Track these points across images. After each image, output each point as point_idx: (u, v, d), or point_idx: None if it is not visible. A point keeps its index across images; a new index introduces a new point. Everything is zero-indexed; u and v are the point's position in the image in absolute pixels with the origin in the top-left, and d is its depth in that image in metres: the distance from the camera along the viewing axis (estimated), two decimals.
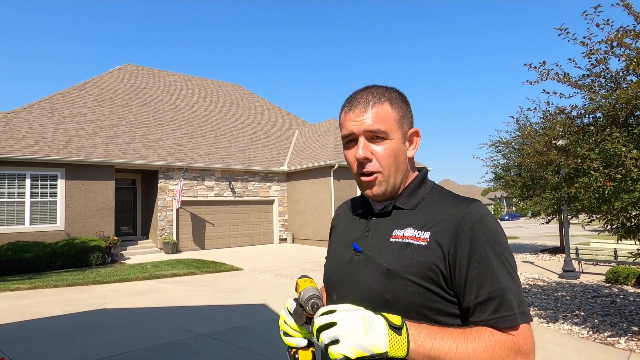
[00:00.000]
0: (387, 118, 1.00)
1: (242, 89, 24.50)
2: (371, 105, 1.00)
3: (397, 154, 1.01)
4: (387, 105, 1.01)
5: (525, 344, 0.85)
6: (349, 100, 1.05)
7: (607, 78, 4.93)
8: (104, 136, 15.11)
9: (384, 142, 1.00)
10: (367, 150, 1.00)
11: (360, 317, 0.80)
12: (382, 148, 1.00)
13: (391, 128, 1.00)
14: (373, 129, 0.99)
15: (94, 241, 12.63)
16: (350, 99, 1.05)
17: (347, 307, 0.84)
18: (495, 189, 15.55)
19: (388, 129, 0.99)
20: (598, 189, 4.66)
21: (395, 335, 0.80)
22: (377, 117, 0.99)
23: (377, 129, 0.98)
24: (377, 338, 0.78)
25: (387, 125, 0.99)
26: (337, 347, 0.78)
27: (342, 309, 0.83)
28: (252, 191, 18.01)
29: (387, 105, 1.01)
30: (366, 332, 0.78)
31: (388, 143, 1.00)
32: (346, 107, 1.04)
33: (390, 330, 0.80)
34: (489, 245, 0.90)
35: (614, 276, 8.19)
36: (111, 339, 5.19)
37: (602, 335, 5.08)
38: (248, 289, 8.42)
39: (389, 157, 1.00)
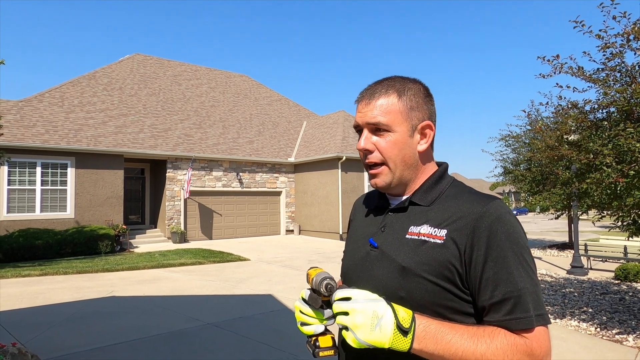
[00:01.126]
0: (390, 110, 0.98)
1: (250, 80, 24.45)
2: (376, 97, 1.00)
3: (402, 147, 0.99)
4: (393, 96, 0.99)
5: (539, 348, 0.83)
6: (361, 91, 1.05)
7: (622, 72, 4.84)
8: (113, 125, 15.20)
9: (386, 134, 0.99)
10: (368, 141, 1.00)
11: (370, 312, 0.81)
12: (385, 140, 0.99)
13: (394, 121, 0.98)
14: (373, 121, 0.99)
15: (103, 229, 12.78)
16: (363, 90, 1.05)
17: (362, 297, 0.85)
18: (504, 183, 15.41)
19: (390, 122, 0.98)
20: (610, 185, 4.60)
21: (400, 336, 0.81)
22: (379, 109, 0.98)
23: (377, 122, 0.98)
24: (382, 336, 0.80)
25: (390, 118, 0.98)
26: (346, 334, 0.84)
27: (356, 297, 0.85)
28: (260, 182, 18.06)
29: (393, 97, 0.99)
30: (372, 330, 0.80)
31: (391, 135, 0.99)
32: (357, 98, 1.05)
33: (397, 331, 0.81)
34: (507, 244, 0.88)
35: (624, 273, 8.11)
36: (120, 326, 5.26)
37: (610, 332, 5.04)
38: (254, 279, 8.48)
39: (391, 150, 0.99)
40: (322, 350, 0.97)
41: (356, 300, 0.84)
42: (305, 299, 1.00)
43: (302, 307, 1.01)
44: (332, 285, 0.93)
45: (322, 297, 0.96)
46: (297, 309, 1.02)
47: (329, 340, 0.99)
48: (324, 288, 0.93)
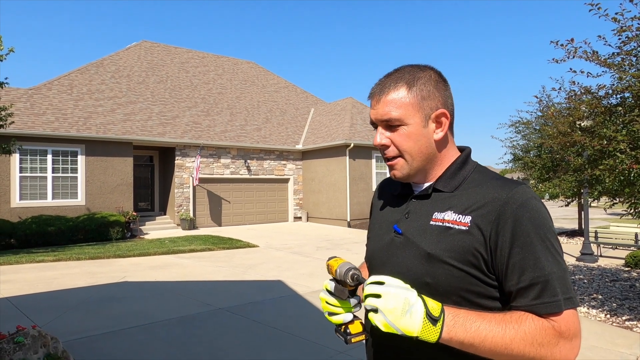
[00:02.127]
0: (401, 104, 0.98)
1: (257, 67, 24.33)
2: (385, 92, 0.99)
3: (417, 138, 0.99)
4: (403, 89, 0.98)
5: (567, 330, 0.84)
6: (372, 86, 1.05)
7: (638, 56, 4.74)
8: (121, 113, 15.26)
9: (400, 128, 0.99)
10: (383, 137, 1.01)
11: (402, 298, 0.82)
12: (399, 134, 0.99)
13: (406, 113, 0.98)
14: (385, 118, 0.99)
15: (113, 216, 12.94)
16: (374, 85, 1.05)
17: (395, 283, 0.85)
18: (513, 170, 15.29)
19: (402, 116, 0.98)
20: (623, 171, 4.54)
21: (430, 325, 0.81)
22: (390, 105, 0.98)
23: (389, 118, 0.99)
24: (412, 323, 0.81)
25: (401, 112, 0.98)
26: (374, 316, 0.84)
27: (389, 282, 0.85)
28: (268, 169, 18.10)
29: (403, 90, 0.98)
30: (403, 315, 0.81)
31: (404, 129, 0.99)
32: (369, 93, 1.05)
33: (426, 319, 0.81)
34: (532, 229, 0.88)
35: (634, 260, 8.07)
36: (133, 310, 5.36)
37: (620, 319, 5.04)
38: (264, 265, 8.56)
39: (406, 142, 0.99)
40: (354, 337, 1.00)
41: (390, 285, 0.85)
42: (330, 291, 1.02)
43: (327, 298, 1.03)
44: (358, 275, 0.94)
45: (348, 287, 0.98)
46: (323, 301, 1.04)
47: (359, 326, 1.02)
48: (350, 278, 0.94)
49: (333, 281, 1.02)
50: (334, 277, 1.00)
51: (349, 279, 0.94)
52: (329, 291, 1.02)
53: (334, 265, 1.00)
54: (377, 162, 17.56)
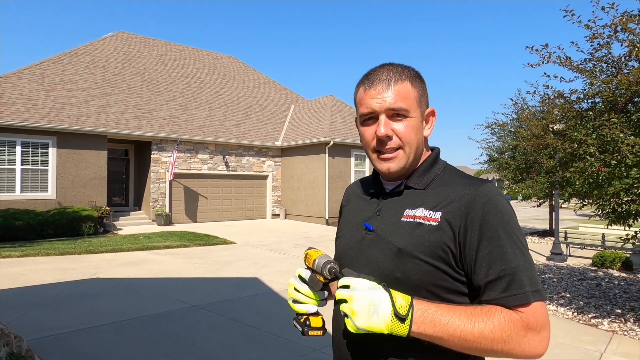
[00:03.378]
0: (408, 96, 1.00)
1: (237, 62, 24.06)
2: (393, 83, 0.99)
3: (417, 132, 1.02)
4: (407, 83, 1.01)
5: (535, 321, 0.86)
6: (368, 76, 1.04)
7: (608, 63, 4.90)
8: (96, 105, 14.85)
9: (404, 119, 1.00)
10: (388, 127, 1.00)
11: (368, 299, 0.84)
12: (403, 125, 1.00)
13: (412, 106, 1.00)
14: (396, 106, 0.98)
15: (85, 211, 12.58)
16: (369, 75, 1.04)
17: (360, 286, 0.87)
18: (488, 171, 15.63)
19: (409, 107, 0.99)
20: (592, 174, 4.69)
21: (398, 322, 0.83)
22: (399, 95, 0.99)
23: (399, 107, 0.98)
24: (379, 322, 0.83)
25: (408, 103, 0.99)
26: (346, 320, 0.87)
27: (354, 286, 0.87)
28: (246, 166, 17.95)
29: (407, 83, 1.00)
30: (369, 317, 0.83)
31: (409, 121, 1.00)
32: (365, 83, 1.03)
33: (394, 317, 0.83)
34: (499, 225, 0.91)
35: (601, 260, 8.36)
36: (105, 307, 5.23)
37: (586, 316, 5.22)
38: (240, 262, 8.49)
39: (409, 135, 1.00)
40: (313, 330, 0.99)
41: (355, 289, 0.86)
42: (304, 279, 1.02)
43: (298, 285, 1.02)
44: (335, 270, 0.94)
45: (323, 280, 0.97)
46: (292, 286, 1.03)
47: (320, 320, 1.01)
48: (327, 272, 0.94)
49: (308, 270, 1.01)
50: (310, 266, 0.99)
51: (327, 272, 0.94)
52: (302, 279, 1.02)
53: (314, 255, 0.99)
54: (356, 161, 17.65)
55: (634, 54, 4.46)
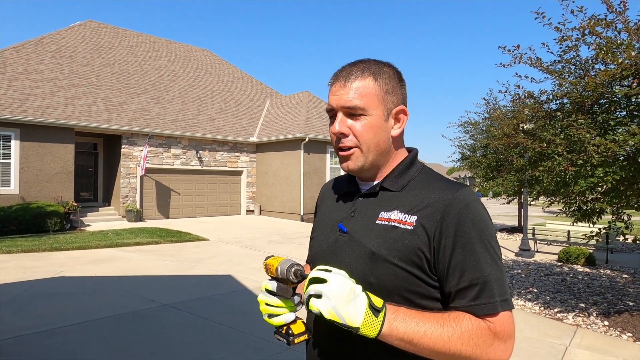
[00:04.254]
0: (367, 93, 0.96)
1: (212, 55, 23.63)
2: (352, 80, 0.97)
3: (377, 131, 0.98)
4: (369, 79, 0.97)
5: (502, 331, 0.86)
6: (335, 73, 1.02)
7: (577, 65, 5.04)
8: (62, 96, 14.28)
9: (362, 117, 0.97)
10: (343, 125, 0.98)
11: (349, 286, 0.82)
12: (360, 124, 0.97)
13: (371, 104, 0.97)
14: (349, 105, 0.96)
15: (51, 206, 12.11)
16: (336, 72, 1.02)
17: (342, 273, 0.85)
18: (461, 168, 15.95)
19: (366, 105, 0.96)
20: (560, 173, 4.83)
21: (372, 315, 0.81)
22: (355, 92, 0.96)
23: (353, 105, 0.96)
24: (355, 311, 0.80)
25: (366, 101, 0.96)
26: (317, 302, 0.81)
27: (337, 271, 0.85)
28: (220, 161, 17.68)
29: (369, 80, 0.97)
30: (348, 302, 0.80)
31: (367, 119, 0.97)
32: (331, 80, 1.02)
33: (369, 310, 0.81)
34: (474, 232, 0.90)
35: (566, 256, 8.66)
36: (70, 307, 5.04)
37: (552, 311, 5.38)
38: (213, 259, 8.36)
39: (366, 134, 0.97)
40: (297, 337, 0.96)
41: (337, 273, 0.84)
42: (272, 291, 0.97)
43: (267, 299, 0.98)
44: (301, 270, 0.91)
45: (291, 284, 0.93)
46: (262, 303, 0.99)
47: (302, 325, 0.98)
48: (293, 275, 0.90)
49: (274, 280, 0.97)
50: (274, 276, 0.95)
51: (292, 276, 0.90)
52: (270, 291, 0.97)
53: (274, 263, 0.95)
54: (332, 157, 17.66)
55: (600, 57, 4.60)
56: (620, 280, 7.11)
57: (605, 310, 5.35)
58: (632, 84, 4.42)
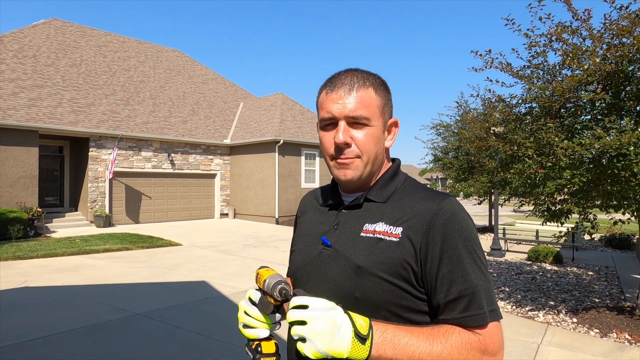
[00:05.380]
0: (370, 104, 0.95)
1: (184, 56, 23.21)
2: (356, 89, 0.95)
3: (377, 141, 0.97)
4: (371, 90, 0.96)
5: (492, 344, 0.85)
6: (331, 80, 0.99)
7: (545, 70, 5.20)
8: (25, 97, 13.68)
9: (364, 128, 0.95)
10: (347, 135, 0.94)
11: (329, 320, 0.78)
12: (363, 134, 0.95)
13: (373, 114, 0.95)
14: (356, 114, 0.94)
15: (13, 212, 11.56)
16: (332, 78, 0.99)
17: (319, 305, 0.80)
18: (433, 170, 16.23)
19: (370, 115, 0.95)
20: (530, 175, 4.97)
21: (359, 344, 0.78)
22: (360, 102, 0.94)
23: (359, 115, 0.94)
24: (341, 344, 0.77)
25: (370, 111, 0.95)
26: (304, 346, 0.78)
27: (313, 306, 0.80)
28: (193, 164, 17.36)
29: (371, 90, 0.96)
30: (332, 339, 0.77)
31: (369, 130, 0.95)
32: (328, 87, 0.98)
33: (355, 339, 0.78)
34: (461, 242, 0.89)
35: (535, 254, 8.93)
36: (35, 319, 4.80)
37: (524, 309, 5.53)
38: (187, 265, 8.18)
39: (368, 144, 0.95)
40: (264, 357, 0.91)
41: (314, 309, 0.79)
42: (254, 302, 0.93)
43: (248, 308, 0.94)
44: (287, 291, 0.86)
45: (274, 302, 0.89)
46: (242, 309, 0.95)
47: (273, 346, 0.93)
48: (278, 293, 0.86)
49: (259, 292, 0.93)
50: (260, 287, 0.92)
51: (277, 293, 0.86)
52: (252, 301, 0.94)
53: (264, 275, 0.91)
54: (307, 159, 17.64)
55: (567, 63, 4.76)
56: (586, 278, 7.38)
57: (574, 308, 5.53)
58: (596, 89, 4.59)
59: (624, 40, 4.44)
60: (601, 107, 4.86)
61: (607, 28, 4.61)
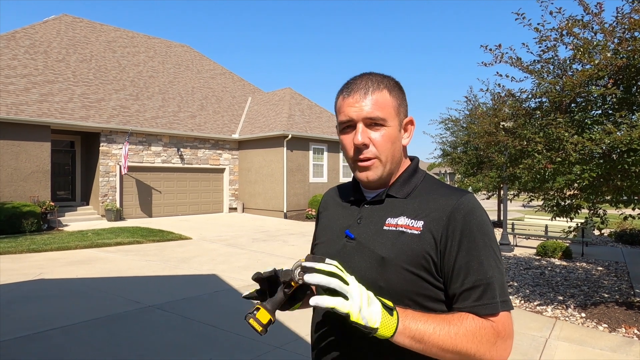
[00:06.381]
0: (385, 105, 1.00)
1: (192, 51, 23.29)
2: (371, 92, 1.00)
3: (394, 141, 1.02)
4: (385, 92, 1.01)
5: (504, 330, 0.91)
6: (347, 85, 1.05)
7: (555, 65, 5.17)
8: (37, 93, 13.87)
9: (381, 128, 1.00)
10: (365, 136, 1.00)
11: (365, 290, 0.84)
12: (380, 135, 1.00)
13: (389, 115, 1.01)
14: (372, 115, 0.99)
15: (27, 206, 11.78)
16: (348, 84, 1.05)
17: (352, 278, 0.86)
18: (442, 164, 16.18)
19: (386, 116, 1.00)
20: (540, 170, 4.96)
21: (388, 315, 0.83)
22: (376, 104, 0.99)
23: (376, 116, 0.99)
24: (374, 312, 0.82)
25: (386, 113, 1.00)
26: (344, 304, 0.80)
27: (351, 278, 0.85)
28: (202, 159, 17.49)
29: (385, 92, 1.01)
30: (369, 304, 0.82)
31: (386, 130, 1.01)
32: (345, 92, 1.04)
33: (384, 310, 0.83)
34: (479, 236, 0.95)
35: (544, 250, 8.90)
36: (51, 311, 4.93)
37: (532, 304, 5.54)
38: (197, 258, 8.29)
39: (386, 144, 1.01)
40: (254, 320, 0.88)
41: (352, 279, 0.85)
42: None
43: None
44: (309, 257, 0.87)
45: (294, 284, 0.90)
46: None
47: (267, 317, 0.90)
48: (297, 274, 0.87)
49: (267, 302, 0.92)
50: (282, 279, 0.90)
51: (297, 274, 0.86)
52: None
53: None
54: (315, 154, 17.68)
55: (577, 57, 4.73)
56: (595, 273, 7.36)
57: (582, 303, 5.53)
58: (607, 84, 4.56)
59: (635, 34, 4.41)
60: (612, 101, 4.83)
61: (619, 22, 4.57)
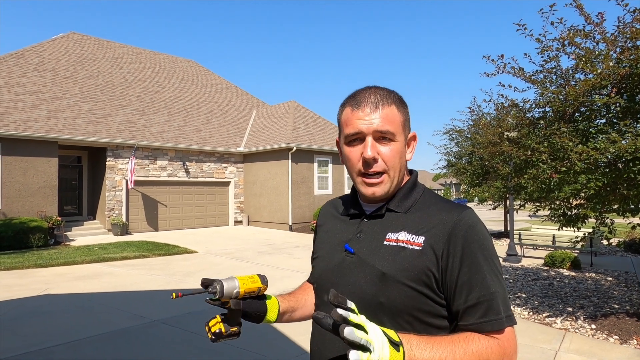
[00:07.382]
0: (394, 120, 1.01)
1: (197, 66, 23.59)
2: (381, 106, 1.00)
3: (401, 156, 1.03)
4: (394, 107, 1.02)
5: (509, 347, 0.90)
6: (354, 97, 1.04)
7: (557, 75, 5.18)
8: (45, 109, 14.07)
9: (390, 143, 1.00)
10: (375, 150, 0.99)
11: (381, 335, 0.76)
12: (389, 149, 1.00)
13: (397, 130, 1.01)
14: (383, 129, 0.99)
15: (34, 222, 11.86)
16: (356, 96, 1.04)
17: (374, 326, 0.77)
18: (447, 175, 16.14)
19: (395, 131, 1.00)
20: (545, 180, 4.94)
21: (395, 352, 0.78)
22: (386, 118, 0.99)
23: (387, 130, 0.99)
24: (384, 354, 0.75)
25: (395, 127, 1.00)
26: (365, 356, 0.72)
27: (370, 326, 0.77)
28: (208, 172, 17.57)
29: (394, 107, 1.02)
30: (382, 349, 0.75)
31: (394, 145, 1.01)
32: (352, 104, 1.03)
33: (391, 347, 0.78)
34: (479, 252, 0.94)
35: (552, 260, 8.80)
36: (57, 326, 4.93)
37: (541, 315, 5.46)
38: (203, 272, 8.28)
39: (394, 158, 1.01)
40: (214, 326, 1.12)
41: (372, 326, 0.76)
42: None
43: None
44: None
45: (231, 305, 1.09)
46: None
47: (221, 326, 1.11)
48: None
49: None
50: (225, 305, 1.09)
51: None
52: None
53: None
54: (319, 166, 17.72)
55: (580, 67, 4.74)
56: (605, 283, 7.26)
57: (592, 314, 5.45)
58: (610, 92, 4.56)
59: (637, 43, 4.42)
60: (616, 110, 4.82)
61: (621, 31, 4.59)
